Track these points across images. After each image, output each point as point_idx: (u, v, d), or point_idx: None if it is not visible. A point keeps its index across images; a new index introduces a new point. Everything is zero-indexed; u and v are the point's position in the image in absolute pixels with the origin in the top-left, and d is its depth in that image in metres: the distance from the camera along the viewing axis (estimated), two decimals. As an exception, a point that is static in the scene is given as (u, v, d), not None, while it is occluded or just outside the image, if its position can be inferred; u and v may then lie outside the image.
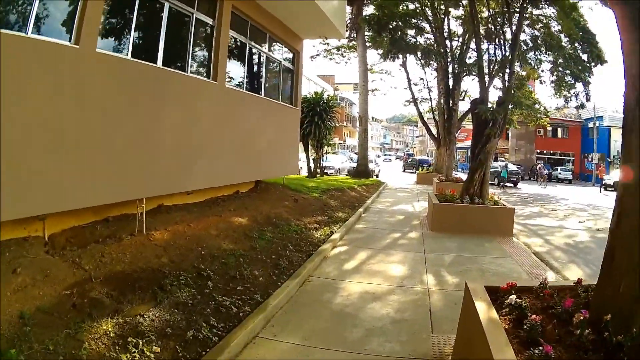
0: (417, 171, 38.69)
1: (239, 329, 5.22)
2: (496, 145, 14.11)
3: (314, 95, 23.93)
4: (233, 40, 11.21)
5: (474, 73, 32.94)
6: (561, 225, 16.03)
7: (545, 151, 58.17)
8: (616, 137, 51.93)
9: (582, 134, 58.46)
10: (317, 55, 36.27)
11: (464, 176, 28.71)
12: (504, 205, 13.45)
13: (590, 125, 52.40)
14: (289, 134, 15.10)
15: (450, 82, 27.19)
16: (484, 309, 4.02)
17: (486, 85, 15.00)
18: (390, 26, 15.70)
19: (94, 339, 4.48)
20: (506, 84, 14.10)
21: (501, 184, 36.41)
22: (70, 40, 5.99)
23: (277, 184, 15.21)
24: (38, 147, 5.54)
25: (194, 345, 4.80)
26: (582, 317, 3.60)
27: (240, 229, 9.30)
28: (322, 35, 16.01)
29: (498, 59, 15.54)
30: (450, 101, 27.27)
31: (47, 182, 5.70)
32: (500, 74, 15.19)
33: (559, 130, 58.81)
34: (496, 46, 15.62)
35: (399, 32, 21.09)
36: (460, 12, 24.01)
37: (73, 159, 6.15)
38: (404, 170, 54.23)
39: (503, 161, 48.55)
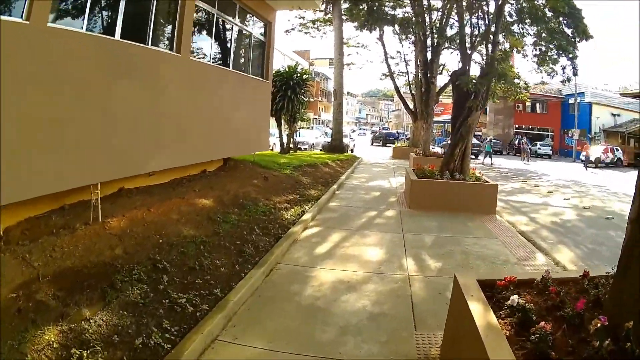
0: (387, 145, 38.31)
1: (194, 332, 4.56)
2: (478, 118, 13.51)
3: (287, 69, 22.97)
4: (200, 10, 10.35)
5: (453, 46, 32.26)
6: (545, 203, 15.59)
7: (523, 126, 57.83)
8: (597, 113, 52.13)
9: (562, 109, 58.41)
10: (292, 29, 35.43)
11: (441, 151, 28.36)
12: (487, 182, 12.87)
13: (571, 101, 52.42)
14: (259, 108, 14.29)
15: (429, 55, 26.50)
16: (480, 312, 3.40)
17: (468, 56, 14.34)
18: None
19: (37, 350, 3.87)
20: (489, 54, 13.40)
21: (483, 159, 36.10)
22: (21, 17, 5.29)
23: (247, 161, 14.41)
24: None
25: (143, 354, 4.14)
26: (599, 325, 2.98)
27: (204, 211, 8.54)
28: (296, 5, 15.09)
29: (481, 30, 14.83)
30: (429, 74, 26.59)
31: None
32: (483, 46, 14.52)
33: (538, 105, 58.51)
34: (479, 17, 14.90)
35: (377, 3, 20.23)
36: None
37: (23, 143, 5.41)
38: (372, 144, 54.97)
39: (480, 136, 48.60)
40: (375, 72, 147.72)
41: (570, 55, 14.58)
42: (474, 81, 13.05)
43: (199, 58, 10.43)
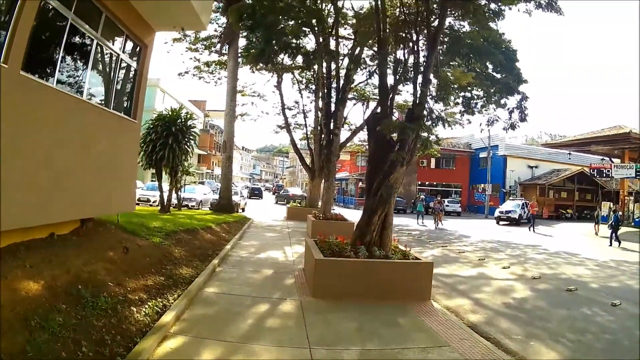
0: (287, 204, 36.04)
1: None
2: (403, 176, 11.16)
3: (170, 113, 19.93)
4: (48, 9, 7.47)
5: (357, 97, 30.74)
6: (482, 275, 13.54)
7: (427, 182, 58.05)
8: (513, 166, 53.03)
9: (472, 164, 59.56)
10: (186, 72, 32.46)
11: (343, 212, 25.99)
12: (417, 259, 10.39)
13: (483, 155, 53.13)
14: (125, 155, 11.19)
15: (333, 104, 24.48)
16: None
17: (389, 95, 12.10)
18: (268, 19, 12.11)
19: None
20: (418, 92, 11.04)
21: (420, 220, 34.66)
22: None
23: (111, 223, 11.19)
24: None
25: None
26: None
27: (19, 307, 5.43)
28: (179, 24, 12.29)
29: (409, 63, 12.64)
30: (332, 124, 24.37)
31: None
32: (410, 82, 12.29)
33: (443, 160, 58.94)
34: (405, 47, 12.74)
35: (278, 29, 17.91)
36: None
37: None
38: (276, 202, 54.44)
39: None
40: (271, 125, 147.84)
41: (520, 97, 12.64)
42: (402, 124, 10.75)
43: (36, 77, 7.33)
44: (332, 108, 25.01)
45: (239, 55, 26.69)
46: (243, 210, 32.39)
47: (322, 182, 29.53)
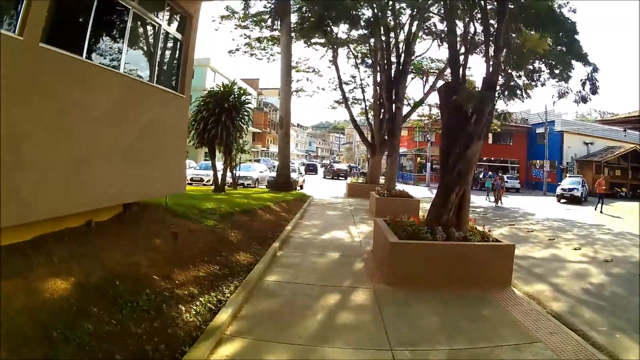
0: (347, 180, 34.96)
1: None
2: (480, 150, 9.76)
3: (221, 89, 18.90)
4: None
5: (417, 68, 29.11)
6: (555, 257, 12.19)
7: (484, 158, 55.30)
8: (570, 142, 50.22)
9: (529, 139, 56.85)
10: (237, 49, 31.30)
11: (407, 189, 24.44)
12: (498, 241, 8.96)
13: (540, 130, 50.62)
14: (172, 133, 10.12)
15: (394, 73, 22.92)
16: None
17: (459, 66, 10.61)
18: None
19: None
20: (491, 62, 9.56)
21: (489, 197, 32.93)
22: None
23: (159, 206, 10.23)
24: None
25: None
26: None
27: (40, 313, 4.51)
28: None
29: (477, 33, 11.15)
30: (394, 96, 22.72)
31: None
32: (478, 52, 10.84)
33: (501, 136, 56.35)
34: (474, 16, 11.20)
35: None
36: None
37: None
38: (324, 177, 57.75)
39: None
40: (326, 101, 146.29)
41: (590, 68, 10.90)
42: (479, 94, 9.37)
43: (62, 49, 6.21)
44: (393, 77, 23.40)
45: (292, 29, 25.54)
46: (301, 187, 31.33)
47: (382, 157, 28.78)
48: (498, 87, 9.90)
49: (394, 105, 22.88)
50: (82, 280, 5.41)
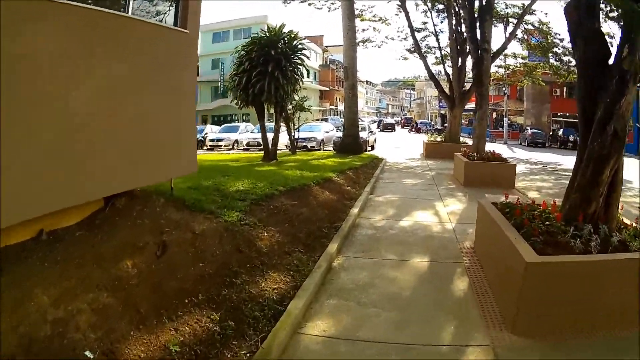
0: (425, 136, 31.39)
1: None
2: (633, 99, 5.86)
3: (267, 34, 15.26)
4: None
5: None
6: None
7: (560, 113, 49.63)
8: None
9: None
10: (293, -1, 27.14)
11: (488, 146, 19.79)
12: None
13: None
14: (172, 89, 6.65)
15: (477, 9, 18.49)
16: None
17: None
18: None
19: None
20: None
21: None
22: None
23: (162, 192, 6.91)
24: None
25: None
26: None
27: None
28: None
29: None
30: (479, 37, 18.20)
31: None
32: None
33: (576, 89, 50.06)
34: None
35: None
36: None
37: None
38: (381, 130, 57.48)
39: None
40: (397, 51, 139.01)
41: None
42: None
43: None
44: (477, 17, 18.82)
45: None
46: (372, 148, 27.52)
47: (462, 111, 25.97)
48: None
49: (479, 48, 18.32)
50: None
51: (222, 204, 7.38)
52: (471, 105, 29.08)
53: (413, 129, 63.39)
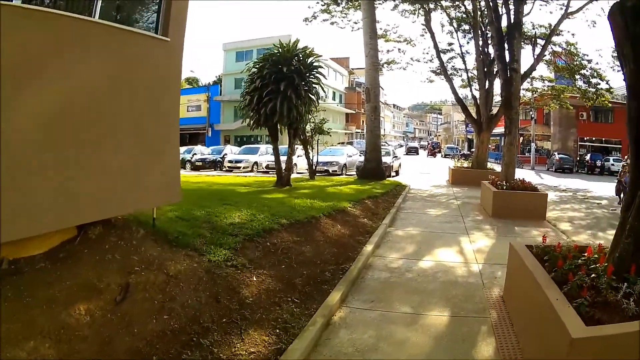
0: (452, 161, 30.28)
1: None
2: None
3: (279, 50, 14.28)
4: None
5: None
6: None
7: (586, 138, 48.72)
8: None
9: None
10: (314, 17, 26.52)
11: (519, 173, 18.38)
12: None
13: None
14: (152, 106, 5.85)
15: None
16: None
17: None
18: None
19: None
20: None
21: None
22: None
23: (144, 223, 6.03)
24: None
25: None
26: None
27: None
28: None
29: None
30: (508, 56, 16.93)
31: None
32: None
33: (602, 113, 48.50)
34: None
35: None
36: None
37: None
38: (406, 154, 62.35)
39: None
40: (422, 73, 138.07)
41: None
42: None
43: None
44: (506, 35, 17.67)
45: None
46: (397, 173, 26.44)
47: (489, 136, 25.09)
48: None
49: (508, 68, 17.06)
50: None
51: (210, 239, 6.40)
52: (498, 129, 28.08)
53: (430, 154, 66.22)
